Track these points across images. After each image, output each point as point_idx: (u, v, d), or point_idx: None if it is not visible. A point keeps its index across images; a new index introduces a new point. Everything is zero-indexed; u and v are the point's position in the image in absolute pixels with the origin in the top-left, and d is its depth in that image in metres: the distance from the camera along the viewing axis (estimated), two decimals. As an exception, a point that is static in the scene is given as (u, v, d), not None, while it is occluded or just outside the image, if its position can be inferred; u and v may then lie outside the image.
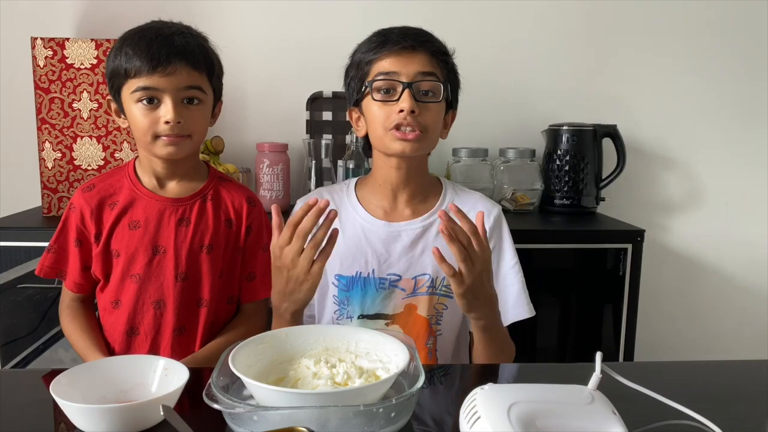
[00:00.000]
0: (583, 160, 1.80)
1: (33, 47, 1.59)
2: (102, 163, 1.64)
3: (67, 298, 1.23)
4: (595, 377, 0.73)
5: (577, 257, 1.67)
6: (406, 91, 1.08)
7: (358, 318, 1.16)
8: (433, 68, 1.11)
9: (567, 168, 1.80)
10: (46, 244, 1.24)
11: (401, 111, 1.08)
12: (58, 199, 1.65)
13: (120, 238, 1.16)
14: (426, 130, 1.10)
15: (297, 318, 1.03)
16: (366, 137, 1.19)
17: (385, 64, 1.11)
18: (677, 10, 1.95)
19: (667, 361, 1.07)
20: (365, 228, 1.18)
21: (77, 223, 1.18)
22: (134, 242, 1.15)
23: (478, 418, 0.66)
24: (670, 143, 2.01)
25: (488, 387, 0.70)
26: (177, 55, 1.08)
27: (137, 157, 1.23)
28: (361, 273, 1.16)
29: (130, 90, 1.09)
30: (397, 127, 1.09)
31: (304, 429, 0.57)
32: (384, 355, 0.86)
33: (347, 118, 1.24)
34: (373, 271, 1.15)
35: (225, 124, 1.81)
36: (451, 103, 1.18)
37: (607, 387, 0.73)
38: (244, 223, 1.20)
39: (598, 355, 0.75)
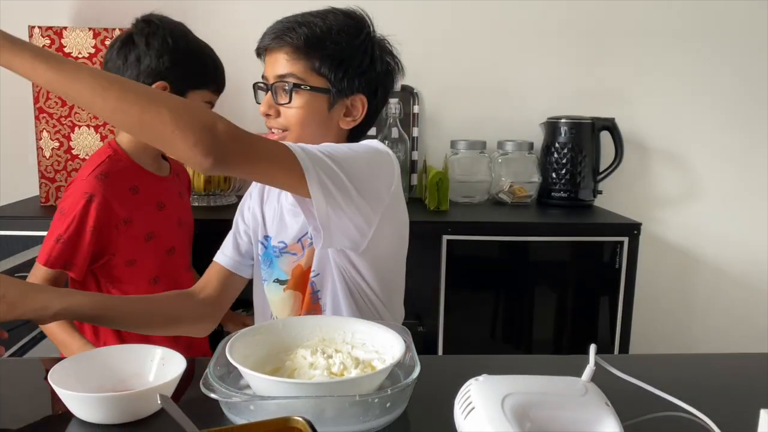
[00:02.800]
0: (581, 153, 1.80)
1: (30, 36, 1.59)
2: (100, 152, 1.64)
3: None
4: (589, 369, 0.73)
5: (573, 250, 1.68)
6: (267, 95, 1.09)
7: (273, 282, 1.18)
8: (291, 66, 1.06)
9: (565, 161, 1.80)
10: (44, 233, 1.23)
11: None
12: (55, 188, 1.65)
13: (152, 219, 1.30)
14: (287, 129, 1.09)
15: None
16: None
17: (264, 66, 1.12)
18: (677, 5, 1.95)
19: (661, 354, 1.08)
20: (281, 198, 1.19)
21: (99, 210, 1.21)
22: (164, 220, 1.33)
23: (473, 408, 0.67)
24: (667, 137, 2.01)
25: (483, 378, 0.71)
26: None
27: (115, 147, 1.29)
28: (283, 241, 1.17)
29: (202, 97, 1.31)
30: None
31: (300, 418, 0.57)
32: (380, 346, 0.86)
33: None
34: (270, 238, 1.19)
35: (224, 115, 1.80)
36: (346, 90, 1.08)
37: (600, 379, 0.74)
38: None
39: (592, 348, 0.75)
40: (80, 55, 1.60)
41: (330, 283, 1.12)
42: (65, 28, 1.59)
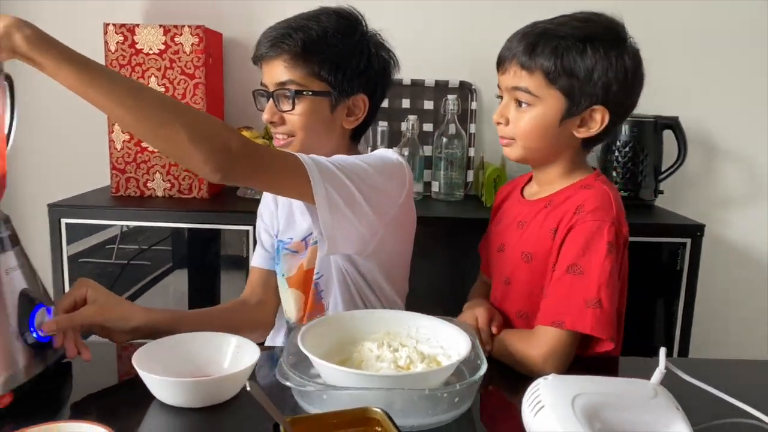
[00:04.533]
0: (642, 151, 1.77)
1: (105, 33, 1.66)
2: (168, 145, 1.70)
3: None
4: (659, 372, 0.73)
5: (633, 250, 1.64)
6: (270, 101, 1.10)
7: (281, 276, 1.21)
8: (290, 73, 1.07)
9: (626, 160, 1.77)
10: (113, 222, 1.26)
11: None
12: (125, 179, 1.72)
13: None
14: (293, 135, 1.11)
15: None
16: None
17: (262, 73, 1.13)
18: (742, 2, 1.89)
19: (730, 359, 1.06)
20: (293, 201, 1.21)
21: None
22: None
23: (542, 407, 0.68)
24: (733, 136, 1.95)
25: (551, 377, 0.72)
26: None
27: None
28: (291, 237, 1.20)
29: None
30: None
31: (379, 410, 0.59)
32: (444, 342, 0.88)
33: None
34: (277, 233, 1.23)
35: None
36: (347, 91, 1.09)
37: (667, 383, 0.74)
38: (561, 233, 0.99)
39: (662, 351, 0.75)
40: (150, 51, 1.66)
41: (333, 285, 1.14)
42: (137, 25, 1.65)
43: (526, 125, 1.01)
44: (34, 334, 0.79)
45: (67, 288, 1.63)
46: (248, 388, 0.57)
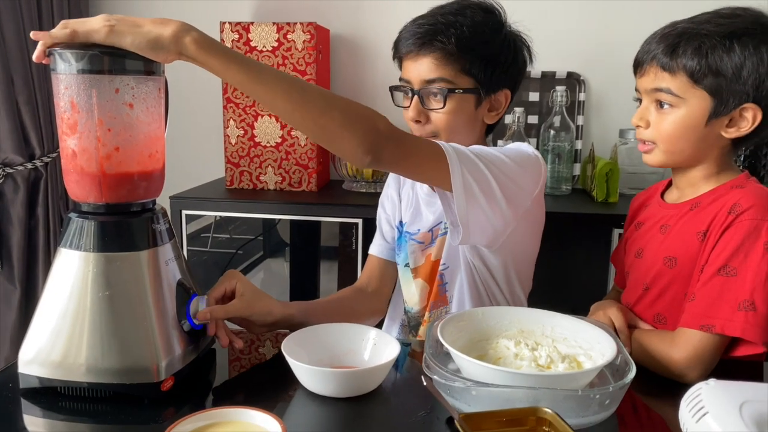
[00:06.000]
0: (768, 144, 1.67)
1: (221, 31, 1.72)
2: (279, 140, 1.75)
3: None
4: (831, 382, 0.69)
5: None
6: (415, 99, 1.09)
7: (404, 267, 1.23)
8: (440, 70, 1.07)
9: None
10: (230, 214, 1.30)
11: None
12: (239, 173, 1.79)
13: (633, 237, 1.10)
14: (436, 135, 1.10)
15: None
16: None
17: (404, 69, 1.13)
18: None
19: None
20: (415, 186, 1.23)
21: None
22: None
23: (706, 413, 0.65)
24: None
25: (713, 383, 0.69)
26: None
27: None
28: (419, 229, 1.21)
29: None
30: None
31: (550, 410, 0.59)
32: (584, 342, 0.86)
33: None
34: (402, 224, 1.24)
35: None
36: (494, 87, 1.10)
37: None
38: (713, 235, 0.92)
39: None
40: (264, 48, 1.70)
41: (458, 277, 1.15)
42: (252, 23, 1.70)
43: (668, 126, 0.95)
44: (190, 322, 0.84)
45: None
46: (424, 383, 0.58)
